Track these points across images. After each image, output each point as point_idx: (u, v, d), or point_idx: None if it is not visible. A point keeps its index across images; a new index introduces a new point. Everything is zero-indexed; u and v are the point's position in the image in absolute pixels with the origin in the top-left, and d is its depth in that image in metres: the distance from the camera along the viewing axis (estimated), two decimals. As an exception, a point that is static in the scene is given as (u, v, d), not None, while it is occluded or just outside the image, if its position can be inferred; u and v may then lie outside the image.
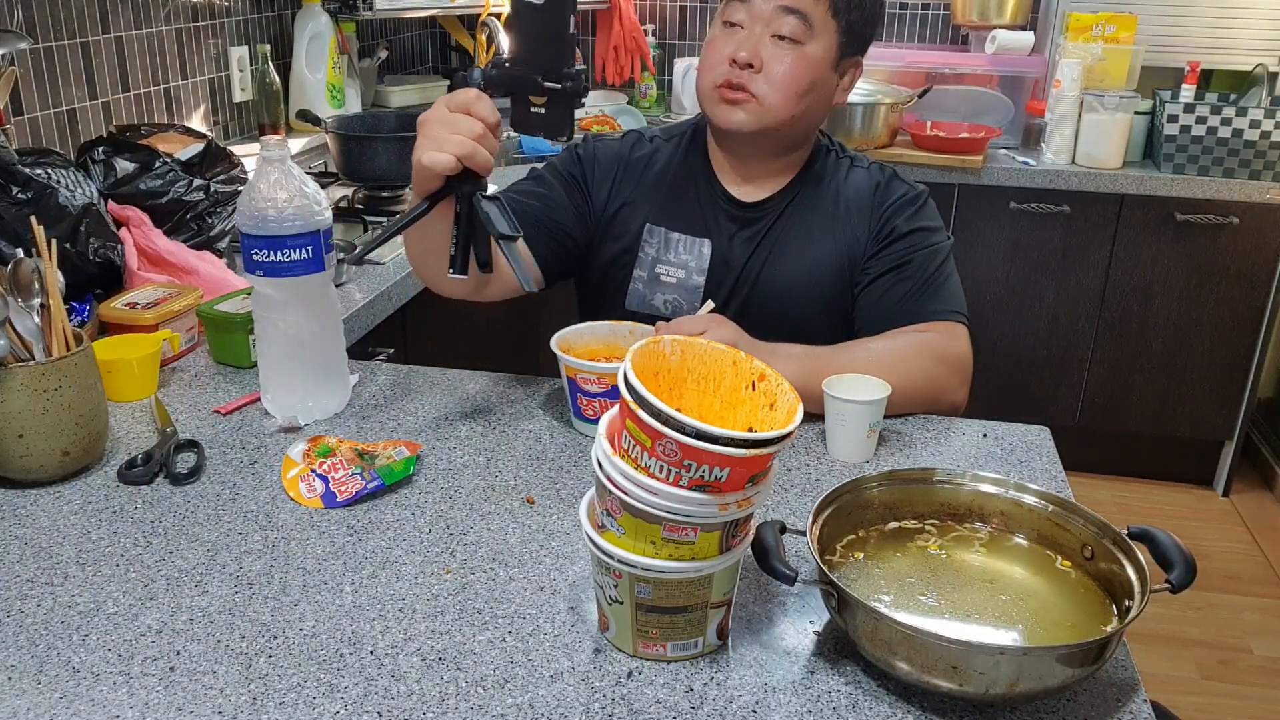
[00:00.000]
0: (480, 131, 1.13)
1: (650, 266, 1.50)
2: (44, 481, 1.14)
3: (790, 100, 1.38)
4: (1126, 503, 3.04)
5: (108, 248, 1.57)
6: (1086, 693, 0.87)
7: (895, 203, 1.46)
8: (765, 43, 1.37)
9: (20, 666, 0.87)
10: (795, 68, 1.37)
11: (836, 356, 1.32)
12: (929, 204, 1.49)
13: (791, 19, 1.35)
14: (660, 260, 1.49)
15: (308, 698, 0.84)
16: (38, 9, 1.90)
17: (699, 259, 1.48)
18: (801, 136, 1.46)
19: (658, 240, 1.49)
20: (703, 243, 1.48)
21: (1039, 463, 1.25)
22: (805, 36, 1.36)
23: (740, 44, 1.37)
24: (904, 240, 1.44)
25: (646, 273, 1.50)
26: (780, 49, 1.37)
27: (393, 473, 1.14)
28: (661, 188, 1.51)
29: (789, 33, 1.36)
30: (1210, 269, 2.85)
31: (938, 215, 1.49)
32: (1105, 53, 2.85)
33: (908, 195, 1.47)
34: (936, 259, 1.44)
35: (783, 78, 1.37)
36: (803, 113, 1.40)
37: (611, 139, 1.56)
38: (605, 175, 1.52)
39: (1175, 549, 0.90)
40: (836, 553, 0.97)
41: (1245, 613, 2.59)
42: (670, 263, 1.49)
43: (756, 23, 1.37)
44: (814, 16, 1.36)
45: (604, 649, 0.90)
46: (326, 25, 2.68)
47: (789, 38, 1.36)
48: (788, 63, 1.36)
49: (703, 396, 0.91)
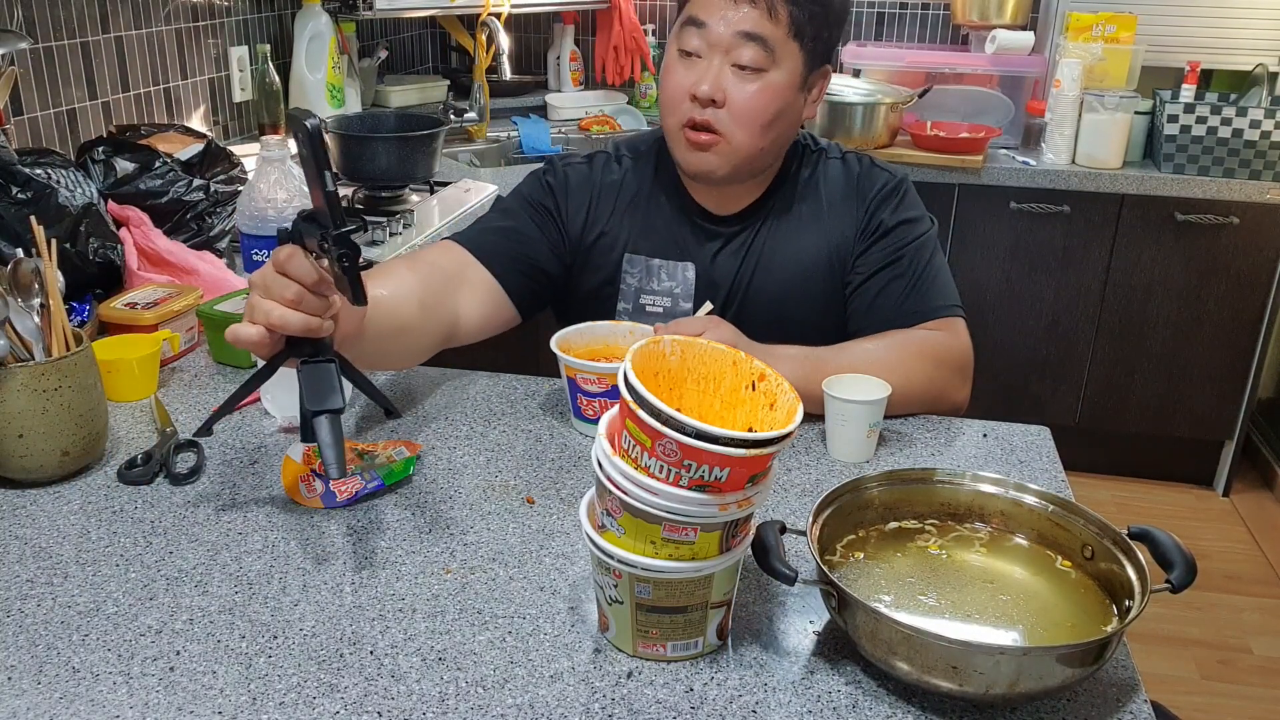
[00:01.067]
0: (293, 296, 0.96)
1: (634, 298, 1.46)
2: (44, 481, 1.14)
3: (757, 134, 1.32)
4: (1126, 503, 3.04)
5: (108, 248, 1.57)
6: (1086, 693, 0.87)
7: (878, 194, 1.42)
8: (726, 74, 1.30)
9: (20, 666, 0.87)
10: (760, 100, 1.30)
11: (836, 357, 1.32)
12: (910, 191, 1.45)
13: (751, 47, 1.28)
14: (644, 290, 1.45)
15: (308, 698, 0.84)
16: (38, 9, 1.90)
17: (684, 284, 1.44)
18: (772, 159, 1.42)
19: (639, 270, 1.45)
20: (685, 266, 1.44)
21: (1039, 463, 1.25)
22: (767, 64, 1.29)
23: (700, 77, 1.30)
24: (891, 235, 1.41)
25: (631, 305, 1.46)
26: (743, 79, 1.30)
27: (393, 473, 1.14)
28: (636, 213, 1.46)
29: (749, 61, 1.29)
30: (1210, 269, 2.84)
31: (919, 201, 1.46)
32: (1105, 53, 2.85)
33: (888, 185, 1.43)
34: (925, 252, 1.42)
35: (748, 112, 1.30)
36: (771, 142, 1.35)
37: (579, 162, 1.50)
38: (579, 204, 1.46)
39: (1175, 549, 0.90)
40: (836, 553, 0.97)
41: (1245, 613, 2.59)
42: (655, 291, 1.45)
43: (715, 52, 1.30)
44: (774, 41, 1.29)
45: (604, 649, 0.90)
46: (326, 25, 2.68)
47: (750, 67, 1.29)
48: (751, 95, 1.30)
49: (703, 396, 0.91)
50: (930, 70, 3.04)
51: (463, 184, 2.36)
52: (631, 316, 1.46)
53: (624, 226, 1.46)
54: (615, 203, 1.47)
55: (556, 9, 3.30)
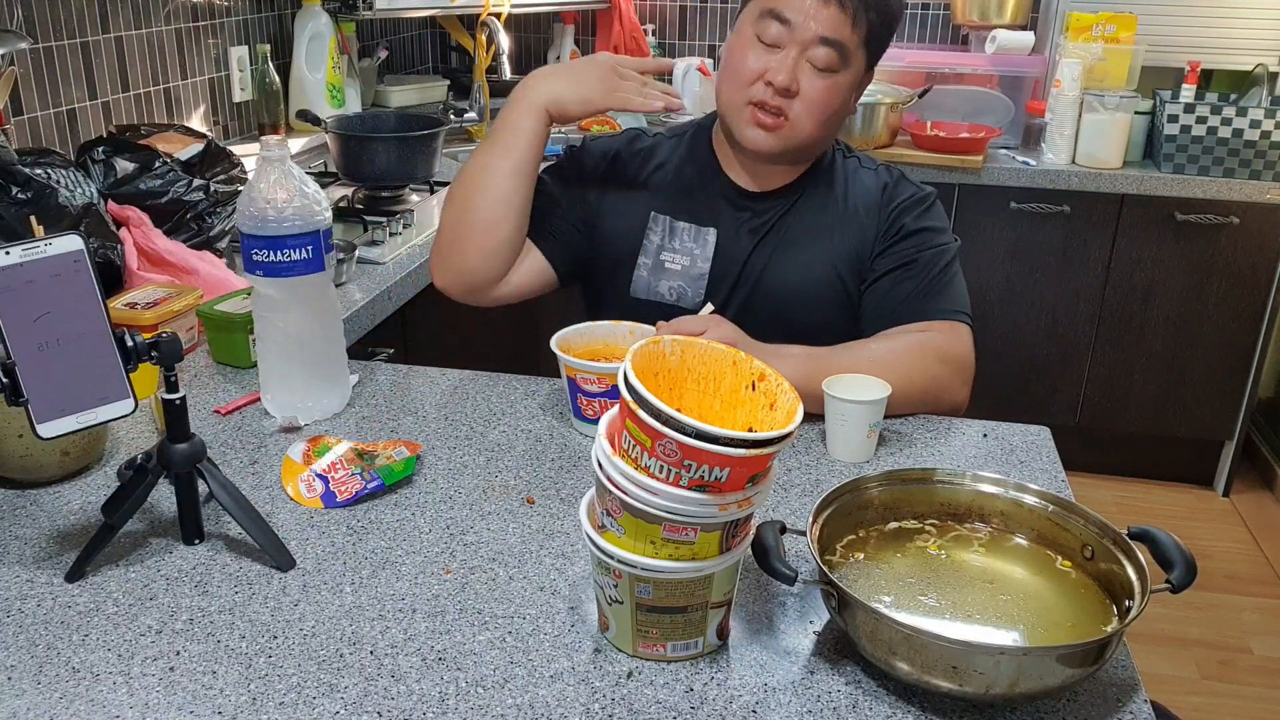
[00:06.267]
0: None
1: (655, 254, 1.50)
2: (44, 481, 1.14)
3: (820, 125, 1.39)
4: (1126, 503, 3.04)
5: (108, 248, 1.57)
6: (1086, 693, 0.87)
7: (903, 203, 1.47)
8: (803, 67, 1.36)
9: (20, 666, 0.87)
10: (829, 96, 1.37)
11: (837, 356, 1.32)
12: (937, 205, 1.49)
13: (828, 50, 1.35)
14: (665, 248, 1.50)
15: (308, 698, 0.84)
16: (38, 9, 1.90)
17: (704, 246, 1.48)
18: (819, 150, 1.48)
19: (662, 228, 1.50)
20: (708, 231, 1.48)
21: (1039, 463, 1.25)
22: (839, 65, 1.36)
23: (779, 67, 1.35)
24: (911, 239, 1.44)
25: (651, 260, 1.50)
26: (815, 75, 1.36)
27: (393, 473, 1.14)
28: (665, 178, 1.52)
29: (825, 63, 1.35)
30: (1210, 269, 2.84)
31: (945, 218, 1.50)
32: (1105, 52, 2.85)
33: (915, 195, 1.48)
34: (943, 259, 1.44)
35: (817, 105, 1.37)
36: (827, 133, 1.43)
37: (609, 135, 1.58)
38: (597, 165, 1.53)
39: (1175, 549, 0.90)
40: (836, 553, 0.97)
41: (1245, 613, 2.59)
42: (675, 250, 1.49)
43: (794, 46, 1.35)
44: (850, 46, 1.36)
45: (604, 649, 0.90)
46: (326, 25, 2.68)
47: (825, 68, 1.36)
48: (822, 90, 1.37)
49: (703, 396, 0.91)
50: (930, 70, 3.04)
51: (463, 184, 2.36)
52: (651, 272, 1.50)
53: (651, 188, 1.52)
54: (642, 167, 1.53)
55: (556, 9, 3.30)
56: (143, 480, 1.01)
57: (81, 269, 0.93)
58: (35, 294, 0.91)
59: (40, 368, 0.92)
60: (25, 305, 0.90)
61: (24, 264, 0.90)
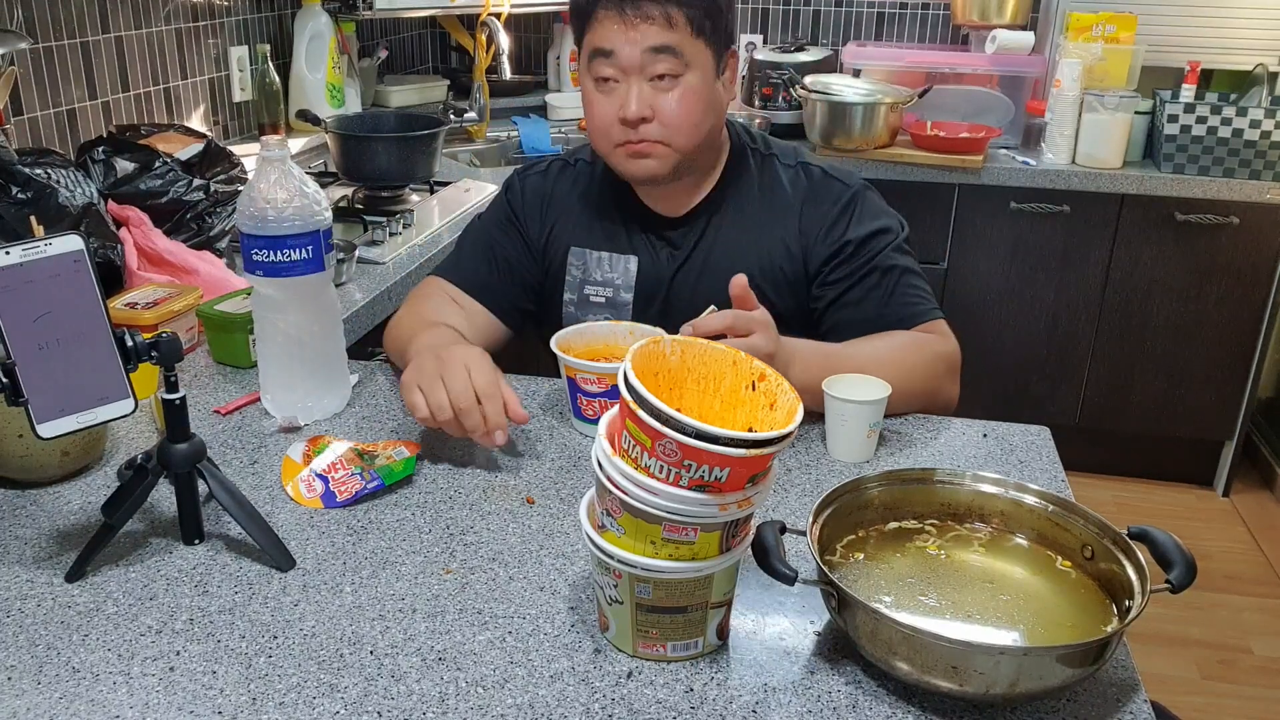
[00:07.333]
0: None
1: (578, 289, 1.50)
2: (44, 481, 1.14)
3: (693, 132, 1.35)
4: (1126, 503, 3.04)
5: (108, 248, 1.57)
6: (1086, 693, 0.87)
7: (838, 212, 1.42)
8: (646, 91, 1.32)
9: (20, 666, 0.87)
10: (688, 103, 1.33)
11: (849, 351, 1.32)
12: (868, 199, 1.45)
13: (662, 58, 1.31)
14: (587, 281, 1.49)
15: (308, 698, 0.84)
16: (38, 9, 1.90)
17: (625, 275, 1.47)
18: (711, 151, 1.44)
19: (581, 262, 1.49)
20: (628, 259, 1.47)
21: (1039, 463, 1.25)
22: (681, 68, 1.32)
23: (624, 101, 1.33)
24: (860, 250, 1.41)
25: (575, 295, 1.50)
26: (663, 90, 1.33)
27: (393, 473, 1.14)
28: (585, 211, 1.50)
29: (666, 70, 1.31)
30: (1210, 269, 2.84)
31: (880, 204, 1.46)
32: (1105, 52, 2.85)
33: (844, 198, 1.43)
34: (895, 256, 1.41)
35: (679, 116, 1.33)
36: (705, 136, 1.38)
37: (535, 173, 1.55)
38: (535, 212, 1.52)
39: (1175, 549, 0.90)
40: (836, 553, 0.97)
41: (1245, 613, 2.59)
42: (597, 282, 1.49)
43: (630, 74, 1.32)
44: (681, 45, 1.31)
45: (604, 649, 0.90)
46: (326, 25, 2.68)
47: (667, 75, 1.32)
48: (677, 101, 1.33)
49: (703, 396, 0.91)
50: (930, 70, 3.04)
51: (463, 184, 2.36)
52: (577, 307, 1.50)
53: (571, 223, 1.50)
54: (566, 204, 1.51)
55: (556, 9, 3.30)
56: (143, 480, 1.01)
57: (81, 269, 0.93)
58: (35, 294, 0.91)
59: (40, 368, 0.92)
60: (25, 305, 0.90)
61: (24, 264, 0.90)
